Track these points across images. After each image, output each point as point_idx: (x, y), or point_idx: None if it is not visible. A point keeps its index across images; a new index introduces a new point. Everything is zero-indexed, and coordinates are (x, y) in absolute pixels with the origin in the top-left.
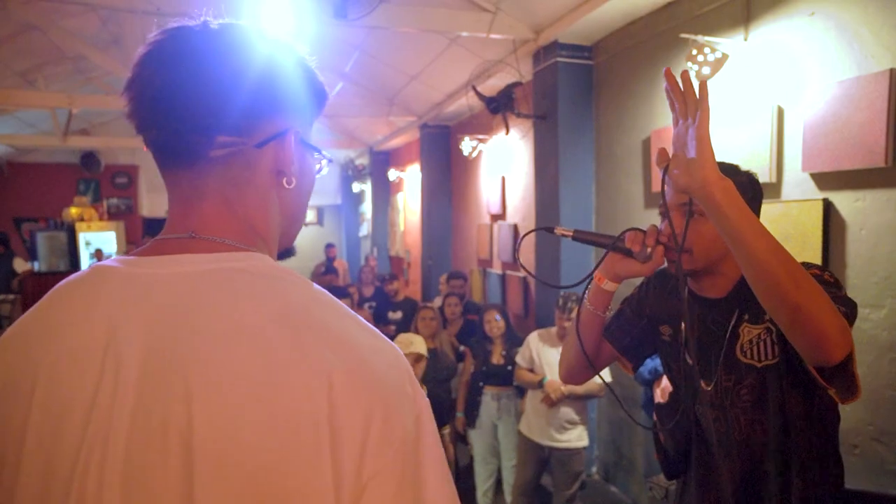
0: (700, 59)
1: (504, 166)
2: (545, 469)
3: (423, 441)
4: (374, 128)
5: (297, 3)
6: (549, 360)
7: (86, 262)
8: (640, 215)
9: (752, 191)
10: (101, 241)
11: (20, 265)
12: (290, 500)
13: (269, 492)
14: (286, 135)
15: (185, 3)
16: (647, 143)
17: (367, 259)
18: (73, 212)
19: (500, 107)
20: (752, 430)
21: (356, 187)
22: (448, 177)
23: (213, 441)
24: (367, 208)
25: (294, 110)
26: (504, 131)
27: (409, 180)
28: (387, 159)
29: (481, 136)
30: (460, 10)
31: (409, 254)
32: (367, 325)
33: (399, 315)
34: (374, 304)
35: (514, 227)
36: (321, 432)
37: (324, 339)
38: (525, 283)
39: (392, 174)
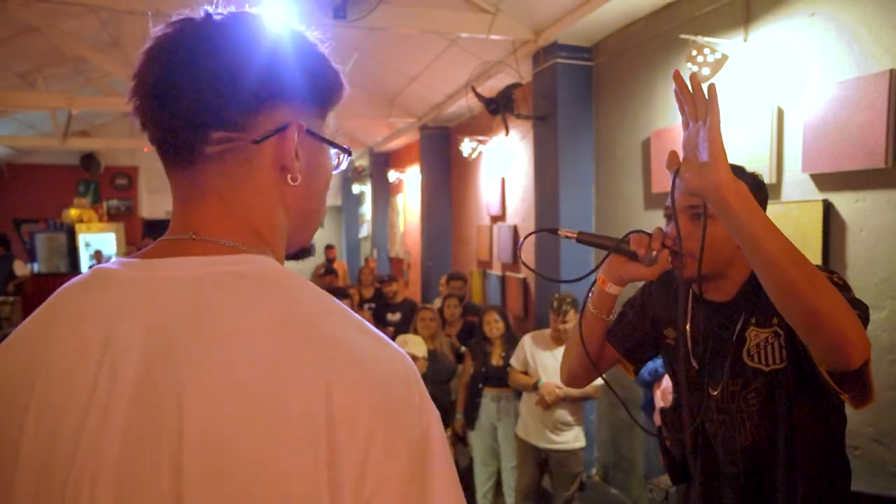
0: (700, 59)
1: (504, 167)
2: (545, 471)
3: (430, 455)
4: (373, 129)
5: (295, 4)
6: (543, 362)
7: (85, 263)
8: (640, 216)
9: (758, 193)
10: (100, 243)
11: (20, 268)
12: None
13: None
14: (287, 129)
15: (184, 3)
16: (646, 144)
17: (366, 260)
18: (72, 213)
19: (500, 108)
20: (759, 435)
21: (356, 189)
22: (448, 178)
23: (202, 456)
24: (366, 209)
25: (299, 102)
26: (504, 132)
27: (409, 182)
28: (387, 160)
29: (481, 138)
30: (460, 11)
31: (409, 255)
32: (374, 331)
33: (398, 316)
34: (373, 306)
35: (514, 228)
36: (318, 448)
37: (324, 349)
38: (525, 285)
39: (392, 175)
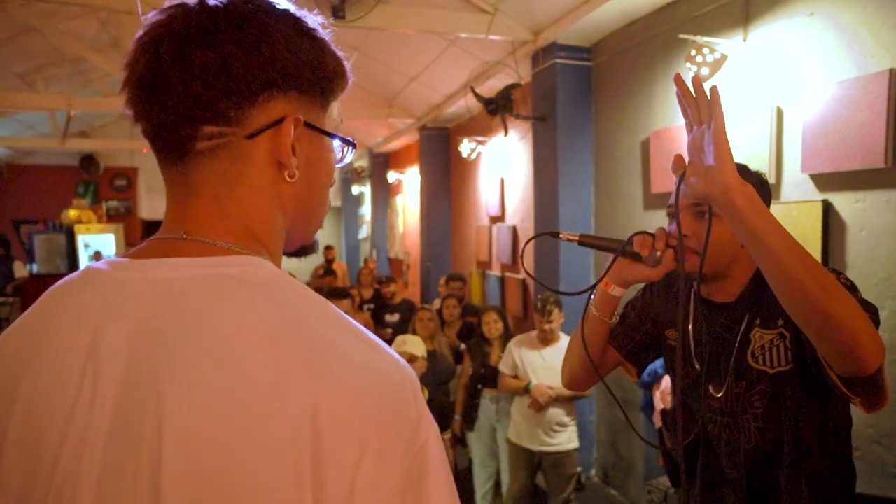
0: (699, 59)
1: (503, 168)
2: (537, 474)
3: (427, 472)
4: (373, 130)
5: (294, 4)
6: (532, 363)
7: (85, 264)
8: (639, 217)
9: (761, 191)
10: (100, 244)
11: (19, 269)
12: None
13: None
14: (283, 123)
15: None
16: (646, 145)
17: (365, 261)
18: (71, 214)
19: (499, 108)
20: (762, 438)
21: (356, 189)
22: (447, 179)
23: (181, 471)
24: (366, 210)
25: (297, 94)
26: (503, 133)
27: (409, 182)
28: (386, 161)
29: (480, 138)
30: (458, 12)
31: (409, 256)
32: (372, 339)
33: (396, 317)
34: (372, 307)
35: (513, 228)
36: (303, 467)
37: (316, 356)
38: (524, 285)
39: (391, 176)
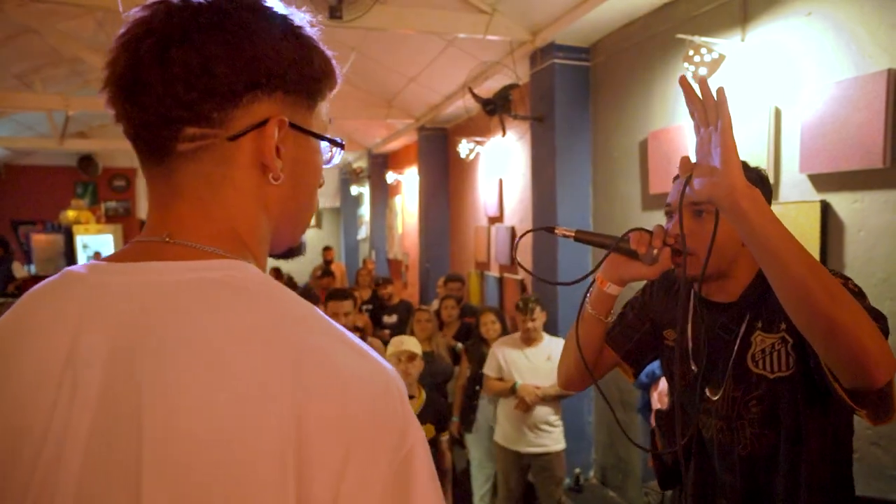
0: (697, 59)
1: (501, 168)
2: (528, 474)
3: (414, 477)
4: (372, 130)
5: (291, 4)
6: (516, 363)
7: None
8: (637, 217)
9: (762, 189)
10: (98, 244)
11: (18, 270)
12: None
13: None
14: (267, 124)
15: None
16: (644, 145)
17: (364, 262)
18: (70, 215)
19: (497, 109)
20: (759, 445)
21: (354, 190)
22: (446, 179)
23: (162, 476)
24: (365, 211)
25: (283, 94)
26: (501, 133)
27: (407, 183)
28: (385, 162)
29: (478, 139)
30: (456, 12)
31: (408, 256)
32: (357, 343)
33: (394, 318)
34: (370, 307)
35: (512, 229)
36: (287, 473)
37: (300, 363)
38: (522, 286)
39: (390, 177)
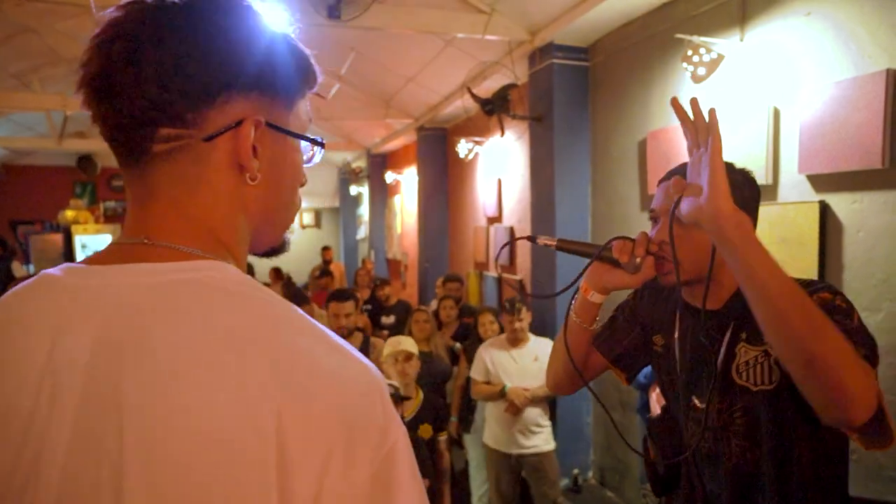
0: (696, 59)
1: (500, 169)
2: (520, 476)
3: (396, 475)
4: (371, 130)
5: (289, 4)
6: (503, 365)
7: None
8: (636, 217)
9: (748, 189)
10: (97, 244)
11: (17, 269)
12: None
13: None
14: (242, 125)
15: None
16: (643, 145)
17: (363, 262)
18: (69, 214)
19: (496, 109)
20: (743, 458)
21: (353, 190)
22: (444, 179)
23: (143, 484)
24: (364, 211)
25: (259, 94)
26: (500, 133)
27: (406, 183)
28: (384, 162)
29: (477, 139)
30: (455, 11)
31: (407, 256)
32: (339, 343)
33: (392, 319)
34: (369, 307)
35: (511, 229)
36: (268, 475)
37: (280, 363)
38: (521, 287)
39: (389, 177)
